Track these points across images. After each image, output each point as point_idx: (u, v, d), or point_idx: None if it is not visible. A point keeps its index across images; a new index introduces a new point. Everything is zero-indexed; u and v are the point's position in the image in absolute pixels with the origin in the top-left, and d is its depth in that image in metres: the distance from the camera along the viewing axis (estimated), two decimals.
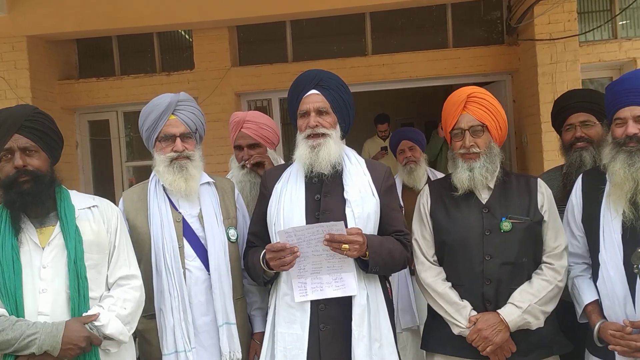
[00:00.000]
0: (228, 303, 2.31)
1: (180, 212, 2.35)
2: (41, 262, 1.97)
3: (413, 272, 3.43)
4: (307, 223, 2.14)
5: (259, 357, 2.36)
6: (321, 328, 2.14)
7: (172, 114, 2.35)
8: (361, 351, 2.10)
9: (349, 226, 2.13)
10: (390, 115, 7.00)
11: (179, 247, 2.29)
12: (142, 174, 6.77)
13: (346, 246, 2.05)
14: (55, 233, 2.01)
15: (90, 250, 2.04)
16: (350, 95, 2.33)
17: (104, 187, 6.95)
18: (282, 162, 3.06)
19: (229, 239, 2.38)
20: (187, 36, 6.89)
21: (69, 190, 2.16)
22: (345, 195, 2.20)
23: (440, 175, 3.78)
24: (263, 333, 2.37)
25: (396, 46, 6.68)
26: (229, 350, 2.28)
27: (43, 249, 1.99)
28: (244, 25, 6.68)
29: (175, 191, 2.33)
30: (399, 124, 9.70)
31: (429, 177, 3.75)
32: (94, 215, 2.12)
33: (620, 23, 6.50)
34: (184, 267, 2.29)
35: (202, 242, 2.33)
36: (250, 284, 2.48)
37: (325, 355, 2.12)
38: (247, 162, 2.83)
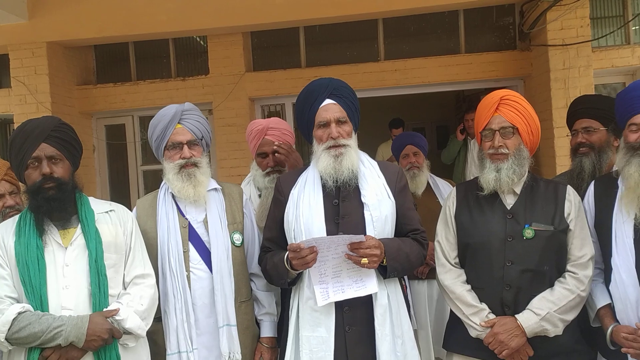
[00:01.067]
0: (229, 305, 2.37)
1: (186, 218, 2.43)
2: (64, 260, 2.10)
3: (413, 277, 3.51)
4: (326, 228, 2.20)
5: None
6: (347, 330, 2.19)
7: (179, 123, 2.44)
8: (385, 349, 2.15)
9: (367, 229, 2.19)
10: (389, 122, 6.96)
11: (184, 252, 2.38)
12: (157, 178, 6.81)
13: (365, 260, 2.11)
14: (77, 234, 2.15)
15: (109, 250, 2.16)
16: (358, 100, 2.38)
17: (120, 190, 7.06)
18: None
19: (233, 243, 2.44)
20: (202, 42, 6.96)
21: (89, 197, 2.29)
22: (363, 199, 2.24)
23: (442, 182, 3.82)
24: (270, 338, 2.46)
25: (408, 52, 6.73)
26: (229, 351, 2.35)
27: (66, 248, 2.12)
28: (258, 31, 6.76)
29: (184, 198, 2.41)
30: (411, 128, 9.72)
31: (429, 183, 3.77)
32: (112, 218, 2.25)
33: (633, 28, 6.48)
34: (188, 271, 2.37)
35: (207, 246, 2.40)
36: (261, 289, 2.53)
37: (352, 356, 2.17)
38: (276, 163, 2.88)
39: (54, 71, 6.31)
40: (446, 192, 3.61)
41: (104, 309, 2.08)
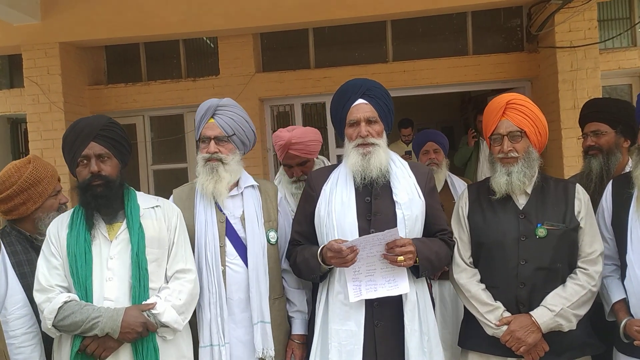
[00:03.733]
0: (264, 302, 2.40)
1: (224, 213, 2.47)
2: (109, 253, 2.19)
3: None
4: (358, 224, 2.25)
5: (295, 357, 2.47)
6: (376, 325, 2.24)
7: (212, 117, 2.47)
8: (414, 345, 2.21)
9: (399, 227, 2.23)
10: (398, 122, 6.99)
11: (221, 247, 2.41)
12: (168, 177, 6.92)
13: (401, 258, 2.17)
14: (122, 229, 2.23)
15: (152, 245, 2.23)
16: (392, 101, 2.43)
17: (131, 188, 7.08)
18: (327, 162, 3.18)
19: (268, 241, 2.48)
20: (212, 43, 7.02)
21: (137, 192, 2.36)
22: (395, 198, 2.29)
23: (459, 181, 3.86)
24: (301, 335, 2.50)
25: (417, 53, 6.78)
26: (262, 347, 2.38)
27: (111, 242, 2.21)
28: (267, 33, 6.81)
29: (204, 191, 2.43)
30: (416, 129, 9.75)
31: (446, 181, 3.81)
32: (157, 214, 2.31)
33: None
34: (224, 265, 2.41)
35: (244, 242, 2.44)
36: (292, 286, 2.57)
37: (380, 350, 2.23)
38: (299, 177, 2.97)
39: (67, 71, 6.37)
40: None
41: (143, 302, 2.14)
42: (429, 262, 2.26)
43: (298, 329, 2.53)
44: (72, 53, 6.50)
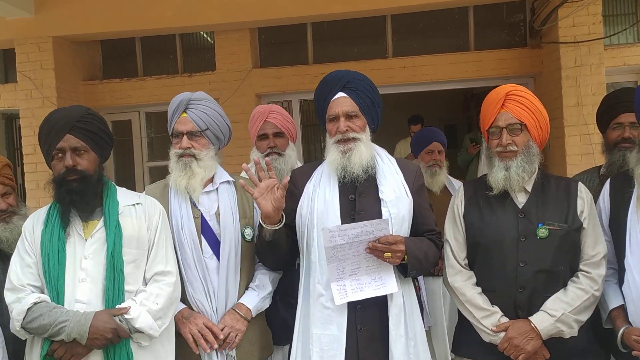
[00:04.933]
0: (230, 300, 2.33)
1: (199, 210, 2.39)
2: (83, 253, 2.07)
3: (428, 274, 3.45)
4: (342, 223, 2.14)
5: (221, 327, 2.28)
6: (359, 329, 2.13)
7: (184, 111, 2.38)
8: (399, 351, 2.10)
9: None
10: (408, 119, 6.92)
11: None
12: (163, 174, 6.78)
13: (389, 254, 2.06)
14: (98, 227, 2.10)
15: (130, 245, 2.11)
16: (378, 94, 2.32)
17: (125, 186, 6.87)
18: (299, 162, 3.09)
19: (244, 237, 2.39)
20: (208, 38, 6.94)
21: (118, 188, 2.24)
22: (381, 195, 2.19)
23: (456, 181, 3.78)
24: (246, 308, 2.32)
25: (417, 49, 6.69)
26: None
27: (86, 240, 2.09)
28: (265, 27, 6.72)
29: (177, 189, 2.35)
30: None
31: (445, 185, 3.74)
32: (137, 212, 2.19)
33: None
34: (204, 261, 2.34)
35: (219, 238, 2.36)
36: (259, 271, 2.45)
37: (363, 356, 2.12)
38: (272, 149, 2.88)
39: (60, 66, 6.28)
40: None
41: (116, 306, 2.03)
42: (417, 261, 2.15)
43: (246, 300, 2.34)
44: (66, 47, 6.40)
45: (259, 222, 2.22)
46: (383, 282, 2.12)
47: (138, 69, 7.03)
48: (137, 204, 2.22)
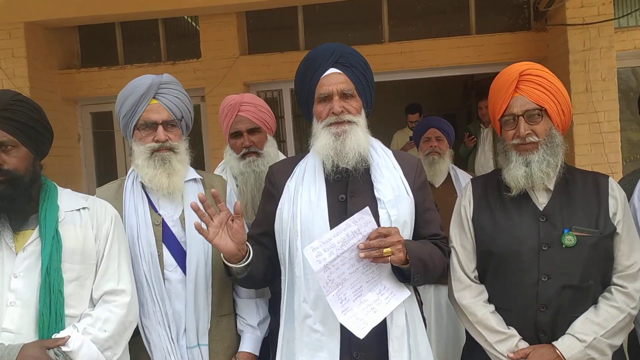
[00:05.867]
0: (202, 320, 1.99)
1: (160, 215, 2.04)
2: (13, 270, 1.71)
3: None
4: (331, 229, 1.78)
5: None
6: (354, 356, 1.78)
7: (154, 98, 2.04)
8: None
9: None
10: (406, 107, 6.64)
11: (158, 255, 1.99)
12: None
13: (388, 249, 1.69)
14: (32, 238, 1.75)
15: (72, 259, 1.76)
16: (372, 74, 1.97)
17: (108, 182, 6.68)
18: (281, 154, 2.72)
19: None
20: (193, 23, 6.61)
21: (61, 189, 1.89)
22: (377, 195, 1.83)
23: (464, 175, 3.44)
24: (248, 354, 2.09)
25: (415, 33, 6.38)
26: None
27: (17, 255, 1.73)
28: (253, 12, 6.39)
29: (156, 188, 2.02)
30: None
31: (449, 174, 3.42)
32: (82, 218, 1.84)
33: None
34: (163, 278, 1.98)
35: (184, 248, 2.02)
36: (242, 296, 2.15)
37: None
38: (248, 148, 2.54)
39: (33, 54, 5.88)
40: None
41: (53, 336, 1.67)
42: (421, 263, 1.77)
43: (246, 345, 2.10)
44: (39, 34, 6.01)
45: (223, 261, 1.86)
46: (391, 292, 1.77)
47: (118, 56, 6.67)
48: (84, 208, 1.87)
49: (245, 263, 1.82)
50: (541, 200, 1.89)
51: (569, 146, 1.96)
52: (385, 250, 1.68)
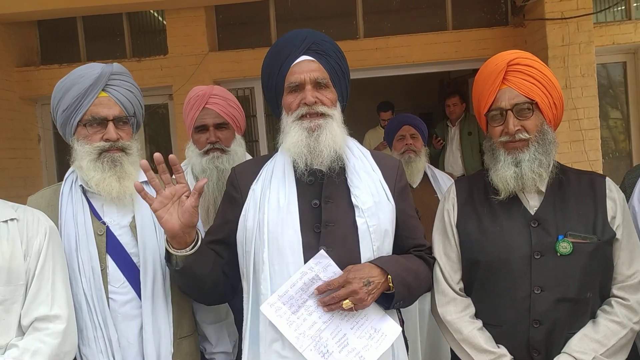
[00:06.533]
0: (164, 346, 1.75)
1: (104, 222, 1.78)
2: None
3: None
4: (303, 240, 1.58)
5: None
6: None
7: (103, 90, 1.79)
8: None
9: (362, 243, 1.59)
10: (377, 105, 6.49)
11: (102, 270, 1.73)
12: None
13: (347, 302, 1.51)
14: None
15: None
16: (347, 64, 1.77)
17: None
18: (249, 156, 2.50)
19: None
20: (160, 17, 6.36)
21: None
22: (354, 201, 1.62)
23: (441, 174, 3.29)
24: None
25: (390, 29, 6.24)
26: None
27: None
28: (223, 6, 6.18)
29: (105, 193, 1.76)
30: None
31: (426, 174, 3.25)
32: (10, 232, 1.60)
33: (635, 4, 6.00)
34: (107, 297, 1.72)
35: (134, 261, 1.77)
36: (207, 321, 1.93)
37: None
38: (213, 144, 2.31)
39: None
40: (446, 187, 3.03)
41: None
42: (406, 289, 1.59)
43: None
44: None
45: (165, 245, 1.63)
46: (382, 333, 1.56)
47: (80, 53, 6.38)
48: (12, 220, 1.61)
49: (188, 252, 1.58)
50: (532, 204, 1.70)
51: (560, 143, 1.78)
52: (344, 303, 1.50)
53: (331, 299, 1.50)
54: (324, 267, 1.51)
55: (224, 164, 2.28)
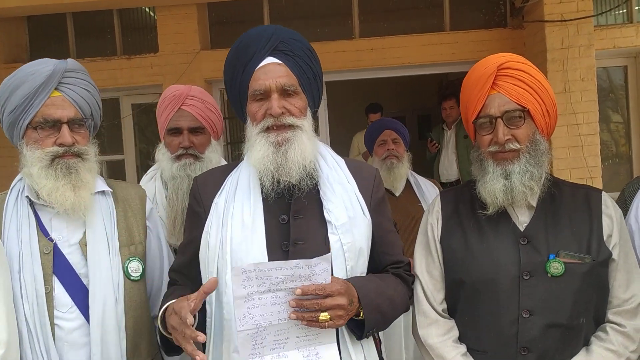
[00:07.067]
0: None
1: (51, 239, 1.63)
2: None
3: None
4: (269, 259, 1.45)
5: None
6: None
7: (56, 89, 1.65)
8: None
9: (335, 262, 1.45)
10: (366, 107, 6.42)
11: (47, 293, 1.58)
12: (101, 172, 6.15)
13: (325, 315, 1.36)
14: None
15: None
16: (319, 64, 1.62)
17: None
18: (224, 161, 2.36)
19: (128, 276, 1.67)
20: (151, 13, 6.28)
21: None
22: (327, 216, 1.50)
23: (425, 181, 3.17)
24: None
25: (387, 29, 6.18)
26: None
27: None
28: (215, 3, 6.09)
29: (57, 204, 1.61)
30: (390, 117, 9.06)
31: (409, 181, 3.14)
32: None
33: (637, 8, 5.92)
34: (52, 323, 1.58)
35: (85, 282, 1.63)
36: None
37: None
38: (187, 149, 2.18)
39: None
40: (431, 196, 2.89)
41: None
42: (379, 315, 1.46)
43: None
44: None
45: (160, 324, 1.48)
46: (317, 355, 1.41)
47: (70, 50, 6.31)
48: None
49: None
50: (522, 219, 1.57)
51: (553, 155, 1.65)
52: (322, 315, 1.35)
53: (313, 304, 1.35)
54: (321, 270, 1.36)
55: (195, 171, 2.12)
